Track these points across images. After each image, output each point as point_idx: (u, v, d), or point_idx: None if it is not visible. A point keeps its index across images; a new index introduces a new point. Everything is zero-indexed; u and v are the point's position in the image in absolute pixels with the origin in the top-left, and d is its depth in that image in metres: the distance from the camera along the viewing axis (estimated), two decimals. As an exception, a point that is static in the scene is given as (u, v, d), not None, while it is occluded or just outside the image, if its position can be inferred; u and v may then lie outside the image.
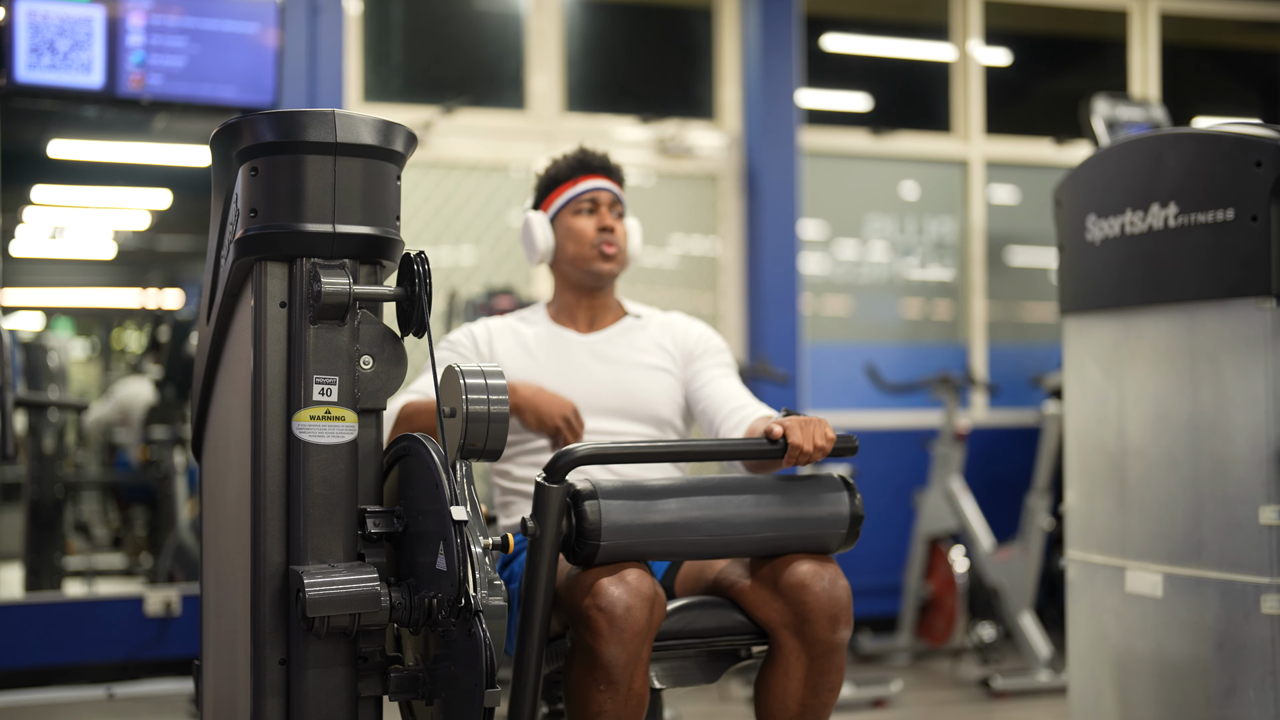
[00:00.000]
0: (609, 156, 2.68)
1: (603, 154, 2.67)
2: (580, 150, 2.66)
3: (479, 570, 1.76)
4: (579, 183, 2.63)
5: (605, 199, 2.63)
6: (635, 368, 2.57)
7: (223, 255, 1.92)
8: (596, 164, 2.65)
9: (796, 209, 5.39)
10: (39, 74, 4.00)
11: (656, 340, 2.63)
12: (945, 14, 5.95)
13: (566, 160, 2.65)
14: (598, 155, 2.66)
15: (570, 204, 2.62)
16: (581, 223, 2.60)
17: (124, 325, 6.84)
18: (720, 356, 2.62)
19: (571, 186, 2.63)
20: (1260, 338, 2.50)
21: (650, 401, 2.54)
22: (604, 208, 2.62)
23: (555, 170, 2.65)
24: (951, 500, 4.87)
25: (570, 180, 2.63)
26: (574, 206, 2.62)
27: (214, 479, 2.00)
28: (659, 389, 2.56)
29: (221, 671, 1.95)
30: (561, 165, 2.65)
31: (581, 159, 2.65)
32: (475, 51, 5.51)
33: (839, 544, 2.15)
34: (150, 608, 4.42)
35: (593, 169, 2.64)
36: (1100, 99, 4.74)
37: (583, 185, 2.63)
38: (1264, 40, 6.86)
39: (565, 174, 2.64)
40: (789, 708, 2.12)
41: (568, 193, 2.63)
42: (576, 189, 2.62)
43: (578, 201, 2.62)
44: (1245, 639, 2.50)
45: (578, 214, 2.61)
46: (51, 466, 5.20)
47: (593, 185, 2.63)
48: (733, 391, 2.53)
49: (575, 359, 2.57)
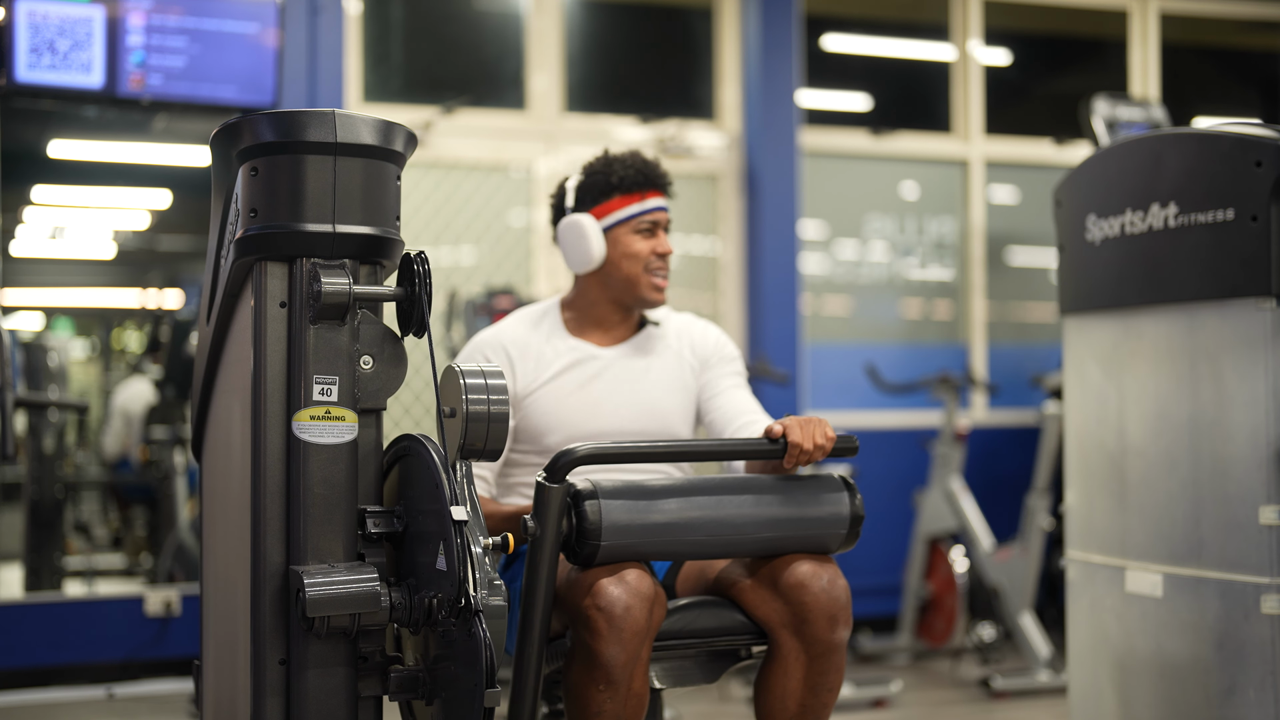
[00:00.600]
0: (669, 173, 2.55)
1: (665, 170, 2.53)
2: (640, 160, 2.50)
3: (479, 570, 1.76)
4: (645, 199, 2.48)
5: (664, 220, 2.50)
6: (656, 386, 2.52)
7: (223, 255, 1.93)
8: (660, 181, 2.51)
9: (796, 209, 5.39)
10: (39, 74, 4.00)
11: (675, 349, 2.57)
12: (945, 14, 5.95)
13: (629, 169, 2.49)
14: (660, 170, 2.51)
15: (631, 221, 2.47)
16: (641, 245, 2.47)
17: (124, 325, 6.84)
18: (733, 365, 2.59)
19: (635, 201, 2.48)
20: (1260, 338, 2.50)
21: (669, 422, 2.51)
22: (661, 230, 2.50)
23: (618, 178, 2.48)
24: (951, 500, 4.87)
25: (635, 194, 2.47)
26: (635, 224, 2.47)
27: (214, 479, 2.00)
28: (677, 409, 2.53)
29: (221, 671, 1.95)
30: (625, 175, 2.48)
31: (646, 172, 2.49)
32: (475, 51, 5.51)
33: (839, 544, 2.15)
34: (150, 608, 4.42)
35: (658, 185, 2.50)
36: (1100, 99, 4.74)
37: (649, 203, 2.49)
38: (1264, 40, 6.86)
39: (629, 185, 2.47)
40: (788, 708, 2.12)
41: (631, 208, 2.47)
42: (641, 206, 2.48)
43: (639, 220, 2.48)
44: (1245, 639, 2.50)
45: (638, 233, 2.48)
46: (51, 466, 5.20)
47: (656, 205, 2.49)
48: (744, 405, 2.51)
49: (597, 381, 2.49)
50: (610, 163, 2.50)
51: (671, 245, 2.52)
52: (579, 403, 2.46)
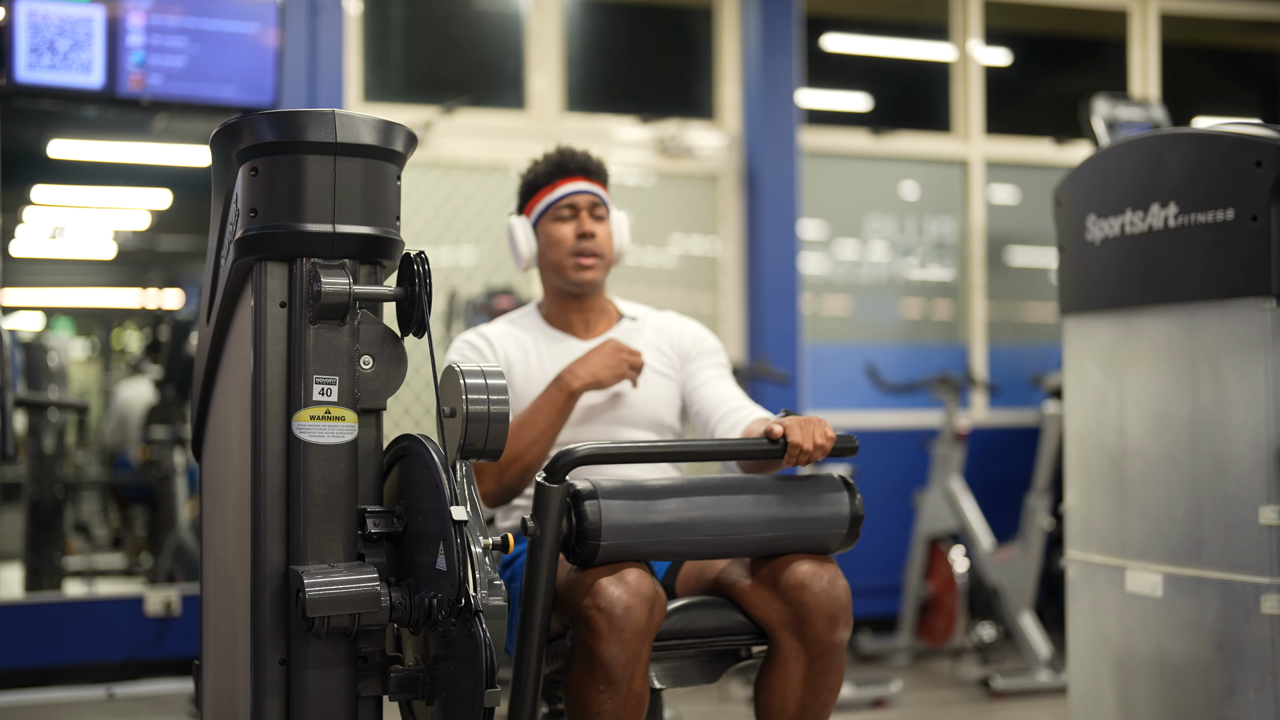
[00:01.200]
0: (589, 154, 2.62)
1: (582, 153, 2.61)
2: (557, 152, 2.60)
3: (479, 570, 1.76)
4: (557, 187, 2.57)
5: (584, 202, 2.57)
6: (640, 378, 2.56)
7: (223, 255, 1.92)
8: (574, 165, 2.58)
9: (796, 209, 5.39)
10: (39, 74, 4.00)
11: (653, 343, 2.61)
12: (945, 14, 5.95)
13: (544, 163, 2.59)
14: (576, 155, 2.60)
15: (550, 210, 2.57)
16: (561, 230, 2.56)
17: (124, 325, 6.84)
18: (715, 357, 2.62)
19: (550, 191, 2.57)
20: (1260, 338, 2.50)
21: (652, 407, 2.54)
22: (584, 212, 2.57)
23: (534, 174, 2.60)
24: (951, 500, 4.87)
25: (549, 185, 2.58)
26: (553, 213, 2.57)
27: (214, 479, 2.00)
28: (659, 394, 2.56)
29: (221, 671, 1.95)
30: (540, 169, 2.59)
31: (558, 161, 2.58)
32: (475, 51, 5.51)
33: (839, 544, 2.15)
34: (150, 608, 4.42)
35: (570, 171, 2.58)
36: (1100, 99, 4.74)
37: (561, 190, 2.57)
38: (1264, 40, 6.86)
39: (544, 178, 2.58)
40: (788, 708, 2.12)
41: (546, 198, 2.58)
42: (555, 194, 2.57)
43: (556, 208, 2.57)
44: (1245, 639, 2.50)
45: (557, 220, 2.56)
46: (51, 466, 5.20)
47: (570, 189, 2.57)
48: (728, 393, 2.53)
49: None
50: (535, 163, 2.62)
51: (595, 225, 2.56)
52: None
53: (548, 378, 2.52)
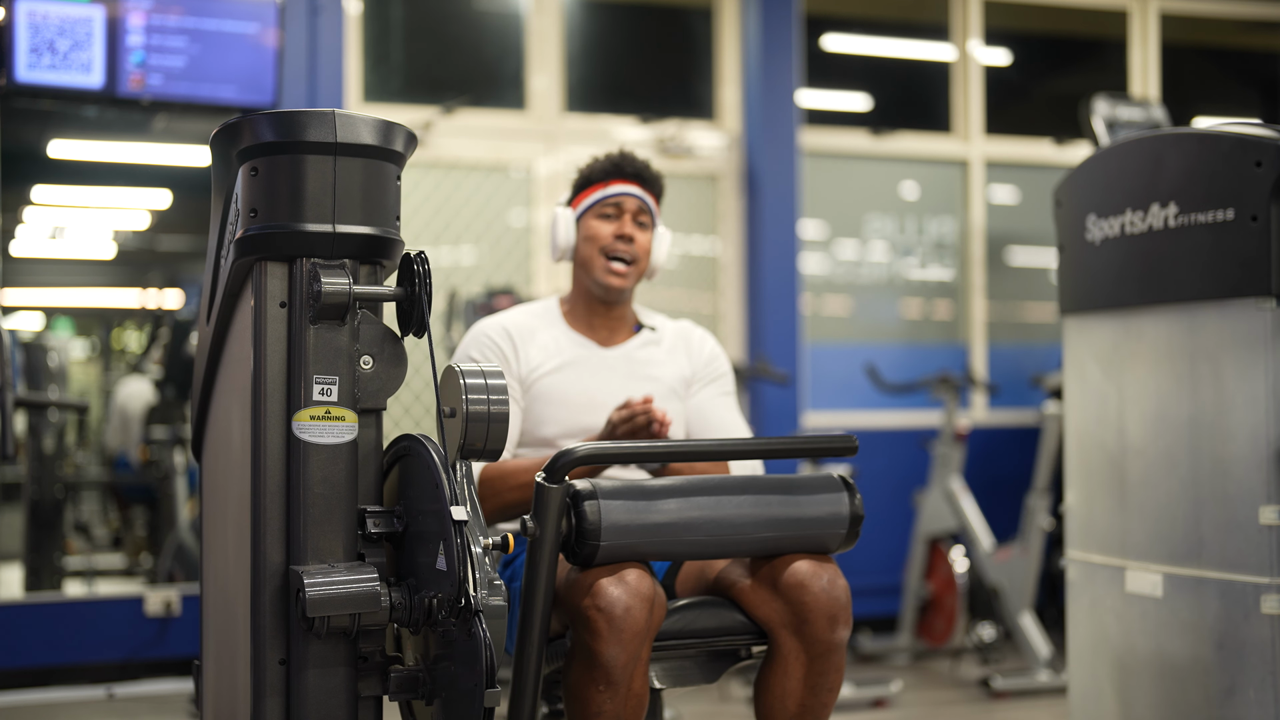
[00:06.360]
0: (649, 164, 2.63)
1: (642, 161, 2.63)
2: (619, 153, 2.62)
3: (479, 570, 1.76)
4: (609, 185, 2.59)
5: (631, 205, 2.58)
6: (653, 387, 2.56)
7: (223, 255, 1.92)
8: (630, 170, 2.60)
9: (796, 209, 5.39)
10: (39, 74, 4.00)
11: (672, 356, 2.63)
12: (945, 14, 5.95)
13: (603, 161, 2.61)
14: (635, 161, 2.62)
15: (595, 206, 2.59)
16: (601, 227, 2.57)
17: (124, 325, 6.84)
18: (721, 385, 2.65)
19: (600, 188, 2.59)
20: (1260, 338, 2.50)
21: None
22: (628, 215, 2.58)
23: (590, 169, 2.62)
24: (951, 500, 4.87)
25: (601, 182, 2.59)
26: (599, 209, 2.58)
27: (214, 479, 2.00)
28: (673, 412, 2.56)
29: (221, 671, 1.95)
30: (596, 165, 2.61)
31: (617, 162, 2.60)
32: (475, 51, 5.51)
33: (839, 544, 2.15)
34: (150, 608, 4.42)
35: (625, 174, 2.60)
36: (1100, 99, 4.74)
37: (611, 189, 2.58)
38: (1264, 40, 6.86)
39: (598, 175, 2.60)
40: (788, 708, 2.12)
41: (596, 194, 2.59)
42: (604, 191, 2.58)
43: (602, 204, 2.58)
44: (1245, 639, 2.50)
45: (601, 217, 2.58)
46: (51, 466, 5.20)
47: (621, 190, 2.58)
48: (726, 423, 2.59)
49: (600, 375, 2.55)
50: (594, 160, 2.63)
51: (636, 230, 2.57)
52: (578, 397, 2.51)
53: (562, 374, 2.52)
